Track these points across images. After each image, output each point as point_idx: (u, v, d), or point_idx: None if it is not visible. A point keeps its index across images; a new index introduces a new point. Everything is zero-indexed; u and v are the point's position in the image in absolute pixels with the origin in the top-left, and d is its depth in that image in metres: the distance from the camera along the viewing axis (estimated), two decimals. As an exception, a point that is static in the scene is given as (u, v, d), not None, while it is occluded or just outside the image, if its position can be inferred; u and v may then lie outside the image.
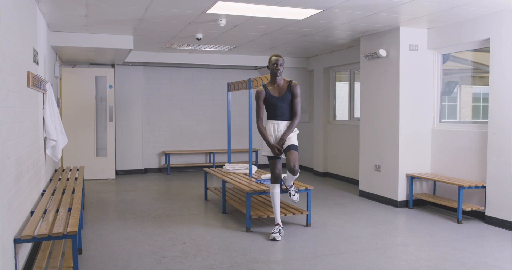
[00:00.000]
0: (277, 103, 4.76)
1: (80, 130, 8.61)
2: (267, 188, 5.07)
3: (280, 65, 4.73)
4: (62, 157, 8.47)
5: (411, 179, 6.17)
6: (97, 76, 8.80)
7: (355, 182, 7.99)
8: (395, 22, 5.85)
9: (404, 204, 6.26)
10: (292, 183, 4.94)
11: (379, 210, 6.09)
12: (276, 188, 4.83)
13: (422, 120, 6.31)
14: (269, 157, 4.85)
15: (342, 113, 8.97)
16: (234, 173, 6.36)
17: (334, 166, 8.95)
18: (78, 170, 6.85)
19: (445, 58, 6.37)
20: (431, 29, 6.18)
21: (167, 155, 9.58)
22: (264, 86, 4.85)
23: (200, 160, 10.09)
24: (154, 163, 9.79)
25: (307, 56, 9.44)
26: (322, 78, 9.10)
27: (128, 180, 8.71)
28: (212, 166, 9.86)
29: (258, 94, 4.82)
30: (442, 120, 6.35)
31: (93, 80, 8.73)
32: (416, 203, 6.27)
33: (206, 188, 6.83)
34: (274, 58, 4.76)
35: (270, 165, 4.83)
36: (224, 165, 6.66)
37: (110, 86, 8.77)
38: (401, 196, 6.26)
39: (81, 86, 8.65)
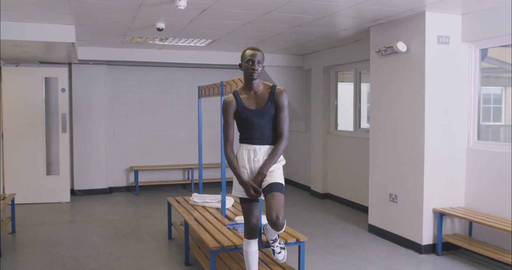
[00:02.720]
0: (253, 119, 3.17)
1: (25, 143, 7.04)
2: (242, 242, 3.50)
3: (258, 63, 3.14)
4: (2, 177, 6.92)
5: (440, 216, 4.60)
6: (47, 77, 7.23)
7: (363, 209, 6.43)
8: (418, 5, 4.30)
9: (431, 249, 4.69)
10: (276, 236, 3.37)
11: (398, 259, 4.52)
12: (252, 246, 3.25)
13: (455, 137, 4.74)
14: (241, 200, 3.27)
15: (345, 122, 7.38)
16: (203, 207, 4.80)
17: (336, 187, 7.37)
18: (4, 198, 5.30)
19: (484, 53, 4.81)
20: (466, 15, 4.62)
21: (135, 171, 8.00)
22: (235, 93, 3.26)
23: (176, 176, 8.49)
24: (121, 181, 8.21)
25: (303, 53, 7.86)
26: (321, 79, 7.50)
27: (85, 204, 7.13)
28: (190, 184, 8.30)
29: (225, 106, 3.23)
30: (480, 137, 4.79)
31: (42, 82, 7.15)
32: (445, 247, 4.70)
33: (170, 224, 5.27)
34: (249, 52, 3.16)
35: (244, 211, 3.25)
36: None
37: (63, 90, 7.20)
38: (427, 238, 4.68)
39: (27, 89, 7.09)
